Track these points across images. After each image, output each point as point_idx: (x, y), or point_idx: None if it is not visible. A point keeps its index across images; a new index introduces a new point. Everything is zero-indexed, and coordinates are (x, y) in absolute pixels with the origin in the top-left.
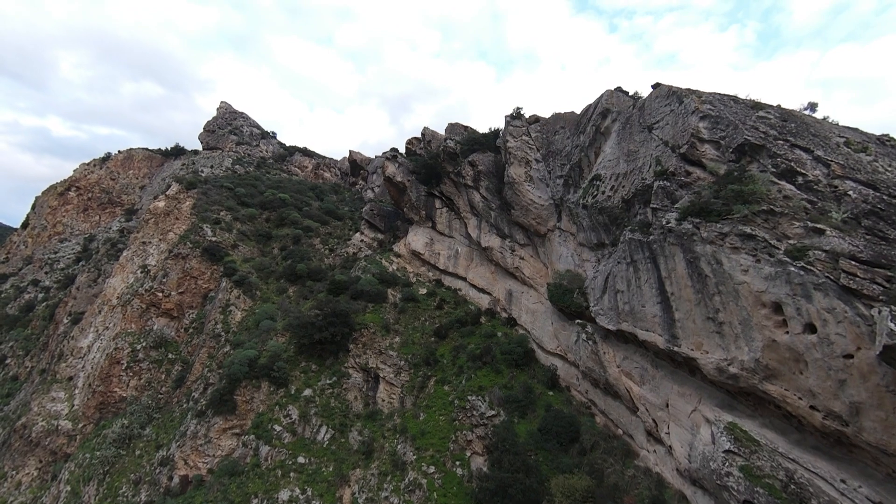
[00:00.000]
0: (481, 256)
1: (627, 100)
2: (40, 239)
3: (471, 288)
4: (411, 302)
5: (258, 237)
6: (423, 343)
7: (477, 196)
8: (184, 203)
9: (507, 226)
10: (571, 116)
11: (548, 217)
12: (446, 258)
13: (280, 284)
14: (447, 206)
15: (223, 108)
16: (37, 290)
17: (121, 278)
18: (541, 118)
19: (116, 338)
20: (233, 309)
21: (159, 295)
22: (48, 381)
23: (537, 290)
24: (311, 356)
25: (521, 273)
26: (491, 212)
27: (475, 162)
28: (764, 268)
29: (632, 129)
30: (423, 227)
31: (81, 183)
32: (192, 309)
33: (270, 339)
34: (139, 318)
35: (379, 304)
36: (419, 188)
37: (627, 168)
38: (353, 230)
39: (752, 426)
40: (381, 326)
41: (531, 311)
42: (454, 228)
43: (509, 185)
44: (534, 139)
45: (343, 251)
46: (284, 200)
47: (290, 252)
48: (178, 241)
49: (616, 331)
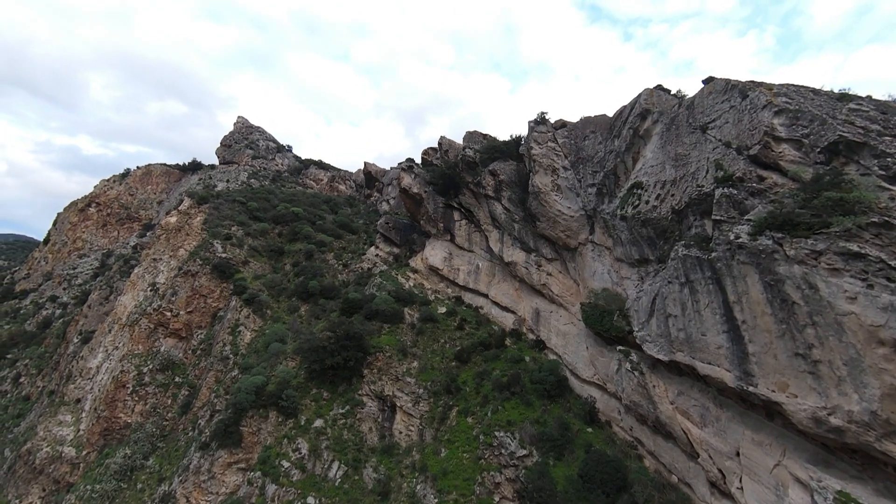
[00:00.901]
0: (504, 272)
1: (670, 99)
2: (60, 255)
3: (493, 306)
4: (430, 322)
5: (270, 252)
6: (443, 368)
7: (499, 207)
8: (195, 218)
9: (533, 239)
10: (603, 120)
11: (578, 229)
12: (466, 273)
13: (291, 303)
14: (466, 219)
15: (240, 123)
16: (54, 306)
17: (131, 296)
18: (568, 123)
19: (123, 360)
20: (242, 329)
21: (167, 314)
22: (56, 403)
23: (568, 309)
24: (323, 382)
25: (549, 290)
26: (514, 224)
27: (496, 171)
28: (881, 296)
29: (679, 130)
30: (441, 241)
31: (101, 199)
32: (200, 329)
33: (280, 364)
34: (146, 338)
35: (395, 324)
36: (437, 200)
37: (676, 174)
38: (367, 244)
39: (864, 494)
40: (398, 350)
41: (562, 333)
42: (474, 242)
43: (534, 195)
44: (561, 145)
45: (357, 266)
46: (297, 214)
47: (303, 268)
48: (187, 258)
49: (668, 361)
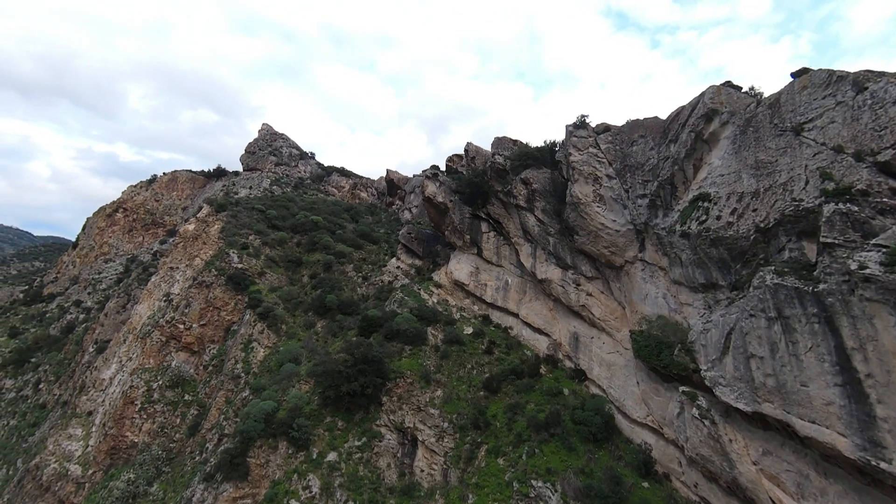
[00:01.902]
0: (536, 289)
1: (743, 97)
2: (87, 259)
3: (524, 327)
4: (455, 345)
5: (287, 263)
6: (470, 399)
7: (531, 219)
8: (212, 226)
9: (570, 254)
10: (654, 123)
11: (625, 245)
12: (494, 290)
13: (308, 318)
14: (495, 230)
15: (264, 130)
16: (78, 310)
17: (147, 305)
18: (612, 126)
19: (134, 374)
20: (255, 345)
21: (180, 327)
22: (68, 415)
23: (612, 335)
24: (338, 410)
25: (589, 313)
26: (549, 237)
27: (528, 179)
28: None
29: (759, 132)
30: (466, 254)
31: (128, 204)
32: (213, 343)
33: (292, 387)
34: (158, 352)
35: (417, 346)
36: (463, 210)
37: (758, 185)
38: (388, 255)
39: None
40: (420, 376)
41: (606, 363)
42: (503, 256)
43: (573, 205)
44: (604, 151)
45: (377, 279)
46: (317, 223)
47: (320, 280)
48: (203, 268)
49: (751, 413)
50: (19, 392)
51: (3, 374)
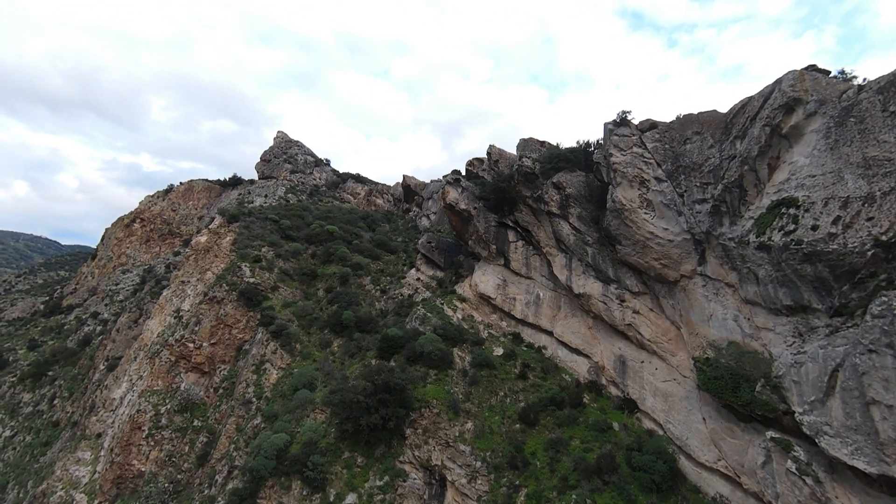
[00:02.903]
0: (572, 305)
1: (835, 82)
2: (105, 270)
3: (560, 346)
4: (485, 368)
5: (302, 276)
6: (505, 433)
7: (565, 227)
8: (224, 238)
9: (612, 267)
10: (712, 118)
11: (681, 258)
12: (524, 305)
13: (323, 336)
14: (523, 240)
15: (279, 138)
16: (95, 322)
17: (158, 320)
18: (658, 123)
19: (141, 396)
20: (268, 367)
21: (190, 346)
22: (77, 437)
23: (666, 360)
24: (357, 443)
25: (637, 333)
26: (586, 248)
27: (561, 184)
28: None
29: (867, 123)
30: (492, 265)
31: (145, 214)
32: (224, 364)
33: (306, 416)
34: (167, 373)
35: (443, 370)
36: (488, 217)
37: (870, 188)
38: (406, 265)
39: None
40: (448, 405)
41: (661, 393)
42: (533, 267)
43: (615, 212)
44: (651, 151)
45: (397, 292)
46: (332, 233)
47: (337, 294)
48: (214, 283)
49: (877, 475)
50: (36, 406)
51: (22, 387)
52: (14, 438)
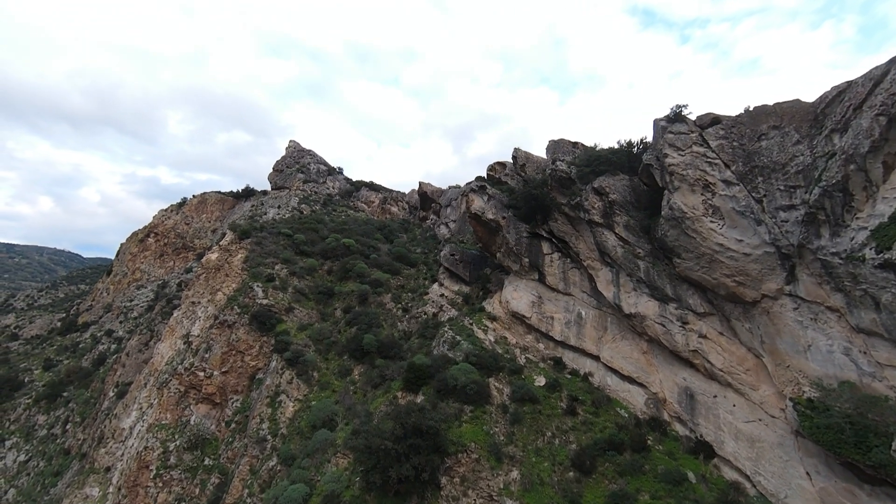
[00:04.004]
0: (621, 325)
1: None
2: (120, 286)
3: (609, 373)
4: (528, 403)
5: (318, 295)
6: (557, 483)
7: (610, 238)
8: (235, 256)
9: (670, 283)
10: (795, 108)
11: (762, 274)
12: (564, 325)
13: (343, 362)
14: (559, 251)
15: (291, 147)
16: (110, 340)
17: (169, 344)
18: (722, 117)
19: (149, 431)
20: (283, 399)
21: (200, 375)
22: (85, 470)
23: (746, 395)
24: (385, 495)
25: (705, 361)
26: (637, 261)
27: (603, 189)
28: None
29: None
30: (525, 280)
31: (159, 229)
32: (236, 394)
33: (327, 461)
34: (176, 405)
35: (480, 406)
36: (518, 227)
37: None
38: (428, 279)
39: None
40: (488, 449)
41: (745, 436)
42: (572, 282)
43: (672, 221)
44: (715, 150)
45: (420, 311)
46: (349, 247)
47: (356, 315)
48: (225, 305)
49: None
50: (50, 429)
51: (37, 409)
52: (28, 464)
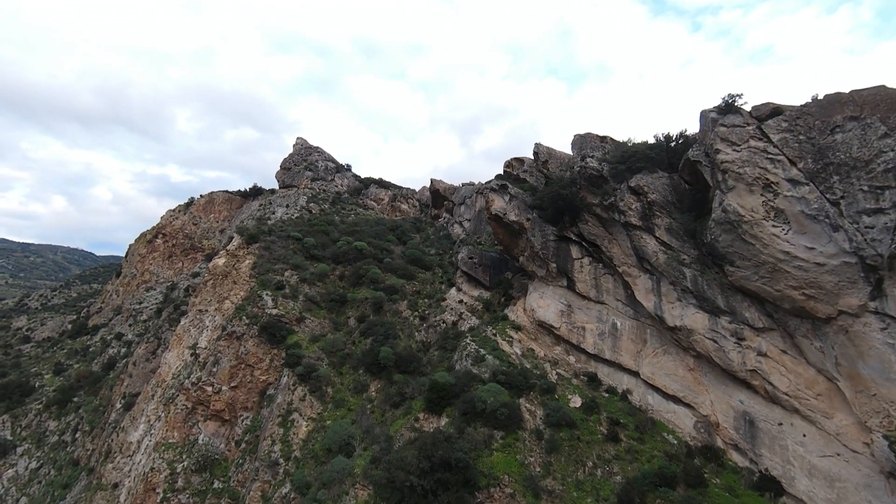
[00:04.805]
0: (662, 338)
1: None
2: (129, 288)
3: (650, 391)
4: (564, 428)
5: (330, 303)
6: None
7: (650, 242)
8: (243, 262)
9: (721, 294)
10: (879, 95)
11: (839, 288)
12: (597, 336)
13: (358, 377)
14: (590, 256)
15: (299, 145)
16: (119, 344)
17: (176, 354)
18: (785, 107)
19: (156, 450)
20: (296, 417)
21: (208, 390)
22: (93, 486)
23: (818, 423)
24: None
25: (766, 383)
26: (682, 268)
27: (641, 188)
28: None
29: None
30: (552, 286)
31: (167, 229)
32: (246, 411)
33: (345, 494)
34: (183, 422)
35: (511, 431)
36: (545, 230)
37: None
38: (444, 282)
39: None
40: (523, 483)
41: (821, 473)
42: (604, 289)
43: (726, 225)
44: (778, 144)
45: (438, 319)
46: (361, 250)
47: (370, 325)
48: (233, 315)
49: None
50: (61, 436)
51: (48, 414)
52: (40, 471)
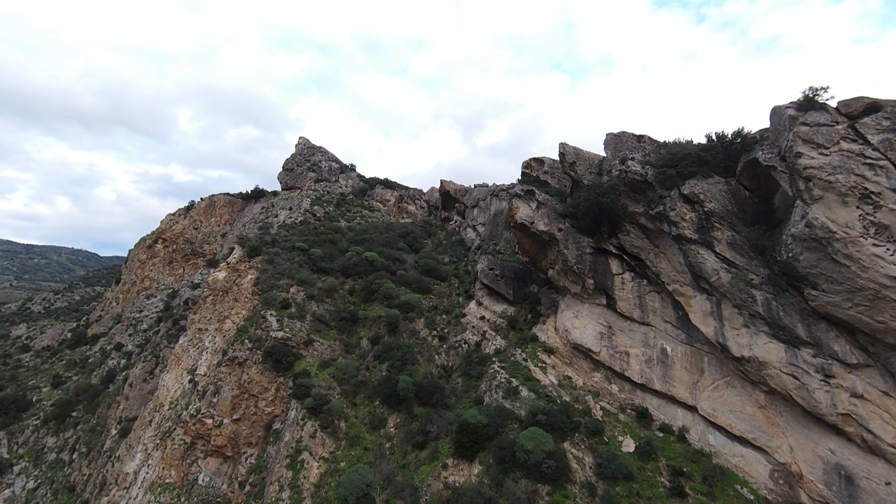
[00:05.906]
0: (723, 367)
1: None
2: (129, 295)
3: (710, 429)
4: (620, 482)
5: (340, 322)
6: None
7: (709, 258)
8: (245, 276)
9: (802, 321)
10: None
11: None
12: (644, 363)
13: (374, 409)
14: (632, 271)
15: (301, 144)
16: (119, 355)
17: (174, 376)
18: (884, 102)
19: (151, 492)
20: (306, 458)
21: (208, 423)
22: None
23: None
24: None
25: (864, 431)
26: (751, 290)
27: (697, 196)
28: None
29: None
30: (588, 304)
31: (167, 234)
32: (250, 447)
33: None
34: (181, 459)
35: (559, 486)
36: (580, 241)
37: None
38: (462, 294)
39: None
40: None
41: None
42: (650, 309)
43: (811, 242)
44: (879, 146)
45: (459, 339)
46: (372, 261)
47: (386, 347)
48: (234, 337)
49: None
50: (59, 454)
51: (45, 430)
52: (37, 491)
